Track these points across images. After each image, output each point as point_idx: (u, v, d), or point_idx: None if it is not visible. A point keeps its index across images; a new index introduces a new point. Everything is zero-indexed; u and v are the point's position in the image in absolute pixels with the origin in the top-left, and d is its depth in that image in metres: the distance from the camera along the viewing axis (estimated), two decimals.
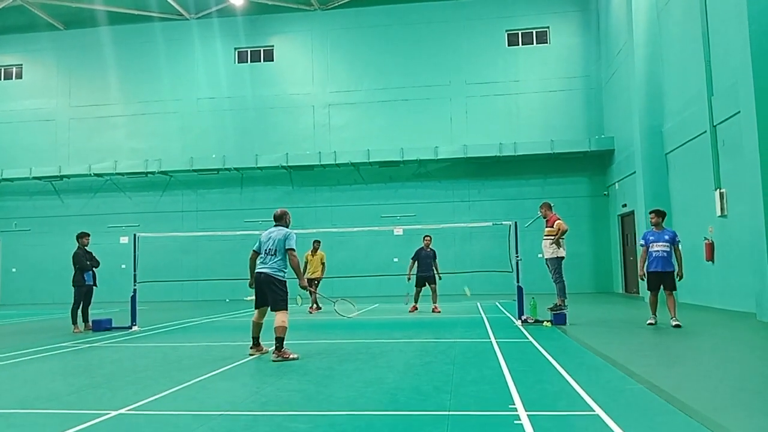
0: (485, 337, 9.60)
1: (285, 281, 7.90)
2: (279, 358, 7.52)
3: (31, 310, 19.78)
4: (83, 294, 12.16)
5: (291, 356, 7.60)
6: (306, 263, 15.81)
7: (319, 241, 16.44)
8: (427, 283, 15.23)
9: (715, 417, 4.35)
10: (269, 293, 7.81)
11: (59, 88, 26.66)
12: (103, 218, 25.24)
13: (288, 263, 7.91)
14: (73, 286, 12.18)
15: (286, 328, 7.69)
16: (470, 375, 6.31)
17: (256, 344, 8.07)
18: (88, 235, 12.58)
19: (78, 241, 12.42)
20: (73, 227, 15.33)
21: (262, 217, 23.65)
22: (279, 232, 8.01)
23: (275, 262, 7.88)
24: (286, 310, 7.81)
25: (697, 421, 4.31)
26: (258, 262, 8.04)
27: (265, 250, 7.94)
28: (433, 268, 15.25)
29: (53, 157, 25.90)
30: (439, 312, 14.73)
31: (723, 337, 9.29)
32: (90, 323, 12.14)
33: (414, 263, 15.41)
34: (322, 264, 16.24)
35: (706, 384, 5.74)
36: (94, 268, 12.40)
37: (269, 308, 7.91)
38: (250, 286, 8.05)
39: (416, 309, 15.23)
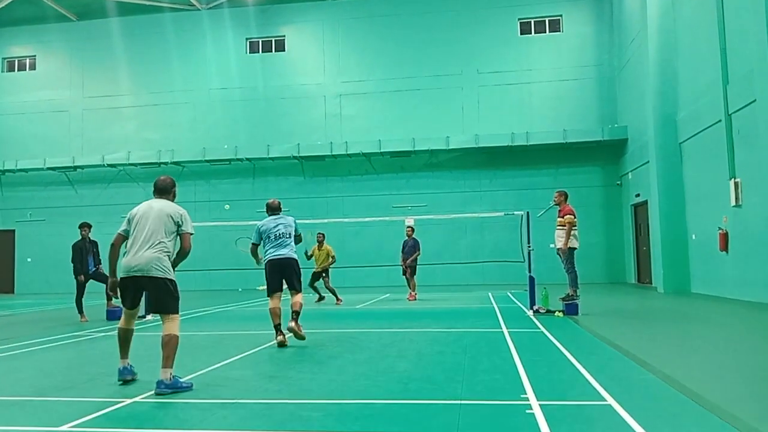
0: (497, 327, 9.60)
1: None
2: (295, 327, 7.93)
3: (46, 300, 19.99)
4: (83, 284, 12.29)
5: (302, 332, 8.01)
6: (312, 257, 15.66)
7: (323, 234, 15.94)
8: (407, 272, 15.63)
9: (729, 408, 4.32)
10: (291, 275, 8.12)
11: (72, 79, 26.80)
12: (117, 208, 25.29)
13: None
14: (74, 276, 12.34)
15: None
16: (482, 364, 6.32)
17: (280, 330, 7.96)
18: (90, 225, 12.68)
19: (79, 232, 12.55)
20: (86, 217, 15.44)
21: None
22: (284, 218, 8.35)
23: (290, 245, 8.18)
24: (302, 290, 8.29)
25: (711, 411, 4.29)
26: (267, 248, 8.18)
27: (276, 235, 8.15)
28: (412, 257, 15.53)
29: (67, 148, 26.09)
30: (414, 299, 15.22)
31: (737, 328, 9.23)
32: (85, 316, 12.17)
33: (403, 254, 15.81)
34: (331, 257, 15.58)
35: (719, 375, 5.70)
36: (94, 257, 12.49)
37: (290, 289, 8.13)
38: (258, 261, 8.37)
39: (414, 298, 15.57)
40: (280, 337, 7.90)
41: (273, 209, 8.53)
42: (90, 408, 4.70)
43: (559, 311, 10.94)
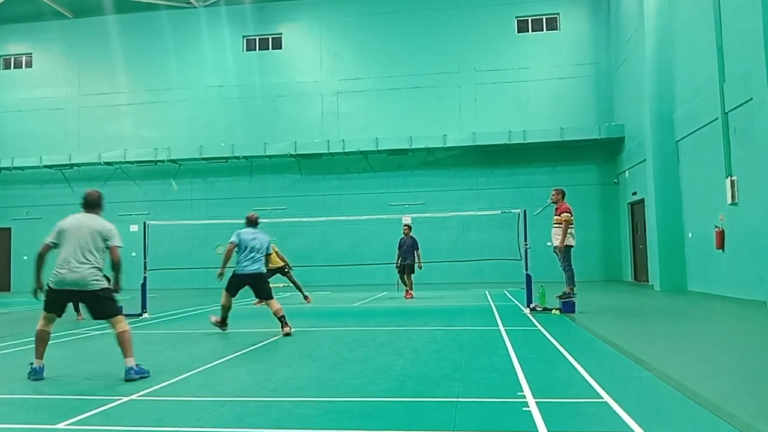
0: (494, 325, 9.61)
1: None
2: (290, 331, 8.67)
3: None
4: None
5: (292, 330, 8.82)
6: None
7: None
8: (406, 270, 15.68)
9: (724, 405, 4.34)
10: (262, 285, 9.19)
11: (68, 77, 26.72)
12: (113, 206, 25.19)
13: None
14: None
15: None
16: (479, 362, 6.33)
17: (226, 323, 9.23)
18: None
19: None
20: None
21: (271, 205, 23.73)
22: (261, 234, 9.20)
23: (261, 260, 9.17)
24: None
25: (707, 409, 4.30)
26: (240, 258, 9.04)
27: (251, 247, 9.02)
28: (415, 256, 15.61)
29: (63, 146, 26.02)
30: (411, 297, 15.22)
31: (733, 326, 9.26)
32: (81, 314, 12.13)
33: (399, 252, 15.84)
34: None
35: (716, 372, 5.72)
36: None
37: (262, 298, 9.24)
38: (218, 277, 9.27)
39: (411, 296, 15.57)
40: (225, 327, 9.19)
41: (252, 222, 9.32)
42: (87, 406, 4.70)
43: (556, 309, 10.96)
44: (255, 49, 25.92)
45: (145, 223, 12.94)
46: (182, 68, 25.93)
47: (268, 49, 25.86)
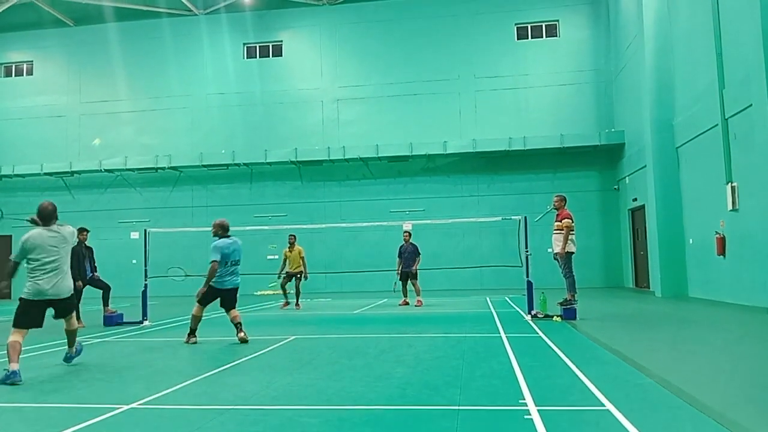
0: (495, 332, 9.59)
1: None
2: (245, 337, 8.71)
3: None
4: (80, 290, 12.21)
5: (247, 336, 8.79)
6: (285, 260, 15.64)
7: (295, 236, 15.81)
8: (408, 278, 15.52)
9: (726, 412, 4.33)
10: (233, 298, 9.07)
11: (69, 85, 26.78)
12: (114, 214, 25.39)
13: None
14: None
15: None
16: (480, 370, 6.31)
17: (194, 333, 9.05)
18: (86, 230, 12.62)
19: (76, 237, 12.48)
20: (83, 223, 15.36)
21: (271, 212, 23.75)
22: (237, 243, 9.03)
23: (238, 272, 9.07)
24: None
25: (708, 416, 4.29)
26: (223, 273, 8.83)
27: (233, 261, 8.88)
28: (415, 263, 15.46)
29: (64, 153, 26.05)
30: (421, 305, 15.07)
31: (734, 332, 9.23)
32: (82, 322, 12.10)
33: (400, 259, 15.61)
34: (302, 259, 15.60)
35: (717, 379, 5.70)
36: (90, 263, 12.46)
37: (228, 308, 9.05)
38: (198, 297, 8.94)
39: (406, 303, 15.53)
40: (193, 339, 8.96)
41: (226, 230, 9.03)
42: (87, 414, 4.68)
43: (557, 316, 10.93)
44: (255, 57, 25.99)
45: (145, 230, 12.94)
46: (183, 75, 26.00)
47: (269, 56, 25.93)
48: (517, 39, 24.28)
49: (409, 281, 15.56)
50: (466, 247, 23.16)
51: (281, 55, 25.77)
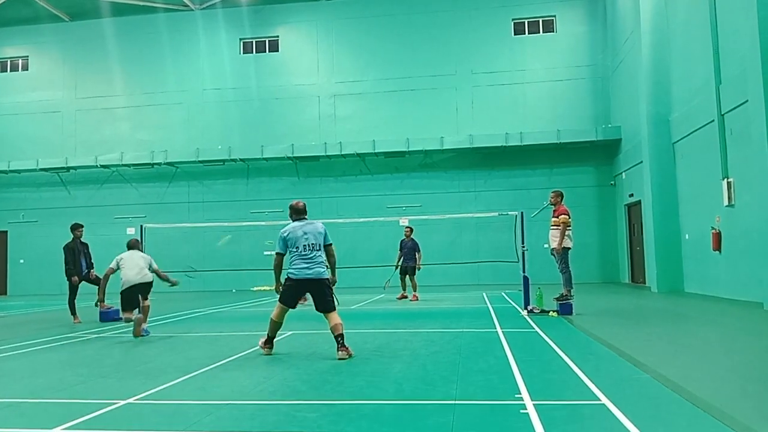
0: (491, 327, 9.61)
1: None
2: (346, 355, 6.84)
3: (39, 301, 19.89)
4: (76, 285, 12.23)
5: (350, 351, 6.99)
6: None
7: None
8: (407, 273, 15.80)
9: (722, 407, 4.34)
10: (321, 294, 7.20)
11: (65, 80, 26.68)
12: (110, 209, 25.33)
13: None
14: (67, 277, 12.28)
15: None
16: (476, 365, 6.32)
17: (271, 344, 7.34)
18: (82, 226, 12.61)
19: (72, 233, 12.47)
20: (80, 218, 15.36)
21: (268, 207, 23.69)
22: (312, 225, 7.38)
23: (322, 261, 7.29)
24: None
25: (705, 411, 4.31)
26: (294, 261, 7.24)
27: (304, 245, 7.18)
28: (415, 258, 15.74)
29: (60, 149, 25.96)
30: (417, 300, 15.27)
31: (730, 327, 9.26)
32: (78, 317, 12.09)
33: (401, 253, 15.99)
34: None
35: (713, 374, 5.73)
36: (86, 259, 12.45)
37: (321, 310, 7.25)
38: (277, 291, 7.38)
39: (404, 297, 15.76)
40: (267, 349, 7.27)
41: (298, 212, 7.50)
42: (84, 409, 4.68)
43: (554, 311, 10.96)
44: (252, 52, 25.90)
45: (141, 226, 12.95)
46: (179, 71, 25.91)
47: (265, 51, 25.85)
48: (514, 34, 24.24)
49: (407, 276, 15.77)
50: (463, 243, 23.16)
51: (278, 51, 25.70)
